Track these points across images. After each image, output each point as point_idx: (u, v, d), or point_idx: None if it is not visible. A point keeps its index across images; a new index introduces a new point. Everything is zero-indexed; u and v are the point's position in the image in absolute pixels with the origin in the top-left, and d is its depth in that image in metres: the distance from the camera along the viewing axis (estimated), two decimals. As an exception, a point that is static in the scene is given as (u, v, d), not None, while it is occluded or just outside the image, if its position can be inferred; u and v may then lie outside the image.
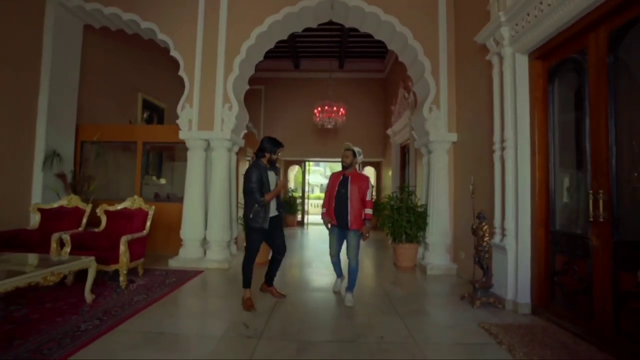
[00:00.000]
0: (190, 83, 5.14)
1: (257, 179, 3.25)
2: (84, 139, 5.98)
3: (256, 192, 3.22)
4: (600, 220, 2.50)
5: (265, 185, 3.31)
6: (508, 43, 3.50)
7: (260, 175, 3.29)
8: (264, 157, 3.43)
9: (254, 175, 3.25)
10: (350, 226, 3.45)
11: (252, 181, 3.23)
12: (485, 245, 3.49)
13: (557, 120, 3.17)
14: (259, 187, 3.25)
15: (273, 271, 3.62)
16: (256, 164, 3.37)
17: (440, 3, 5.10)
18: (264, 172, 3.34)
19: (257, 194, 3.22)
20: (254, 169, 3.31)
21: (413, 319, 3.09)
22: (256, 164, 3.37)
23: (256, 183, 3.23)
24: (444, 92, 5.01)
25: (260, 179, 3.28)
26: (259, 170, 3.30)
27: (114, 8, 5.27)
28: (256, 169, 3.30)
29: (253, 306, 3.22)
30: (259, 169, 3.32)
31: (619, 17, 2.42)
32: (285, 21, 5.23)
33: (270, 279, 3.63)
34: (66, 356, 2.23)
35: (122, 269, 3.75)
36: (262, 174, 3.31)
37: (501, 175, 3.56)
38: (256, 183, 3.23)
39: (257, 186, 3.23)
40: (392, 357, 2.36)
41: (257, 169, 3.30)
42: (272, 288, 3.62)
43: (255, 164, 3.36)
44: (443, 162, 4.99)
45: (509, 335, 2.65)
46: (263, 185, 3.29)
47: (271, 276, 3.62)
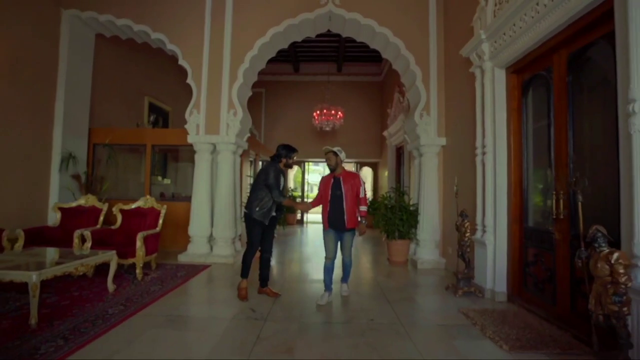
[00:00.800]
0: (198, 90, 5.51)
1: (278, 177, 3.50)
2: (95, 142, 6.34)
3: (277, 189, 3.46)
4: (561, 217, 2.89)
5: (283, 186, 3.57)
6: (488, 58, 3.88)
7: (279, 175, 3.54)
8: (280, 162, 3.65)
9: (277, 174, 3.51)
10: (347, 226, 3.53)
11: (276, 180, 3.47)
12: (467, 240, 3.88)
13: (530, 128, 3.56)
14: (279, 186, 3.49)
15: (264, 272, 3.70)
16: (274, 164, 3.60)
17: (431, 17, 5.47)
18: (281, 173, 3.60)
19: (277, 191, 3.46)
20: (273, 168, 3.53)
21: (401, 305, 3.48)
22: (274, 164, 3.60)
23: (278, 181, 3.49)
24: (433, 99, 5.39)
25: (279, 178, 3.53)
26: (278, 170, 3.54)
27: (126, 19, 5.62)
28: (275, 169, 3.53)
29: (246, 297, 3.48)
30: (278, 169, 3.56)
31: (575, 43, 2.80)
32: (286, 32, 5.60)
33: (262, 280, 3.71)
34: (101, 333, 2.61)
35: (139, 262, 4.13)
36: (279, 174, 3.56)
37: (482, 177, 3.94)
38: (278, 181, 3.49)
39: (278, 184, 3.48)
40: (381, 335, 2.74)
41: (276, 168, 3.54)
42: (266, 289, 3.69)
43: (272, 164, 3.59)
44: (433, 164, 5.37)
45: (483, 318, 3.04)
46: (280, 185, 3.53)
47: (263, 277, 3.71)
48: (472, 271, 3.91)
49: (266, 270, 3.71)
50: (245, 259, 3.57)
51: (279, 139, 11.40)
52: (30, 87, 5.16)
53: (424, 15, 5.49)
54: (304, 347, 2.52)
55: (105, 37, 6.33)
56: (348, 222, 3.51)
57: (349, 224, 3.52)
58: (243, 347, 2.47)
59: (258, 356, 2.33)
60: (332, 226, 3.56)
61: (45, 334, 2.56)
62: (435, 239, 5.28)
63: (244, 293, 3.51)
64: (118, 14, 5.65)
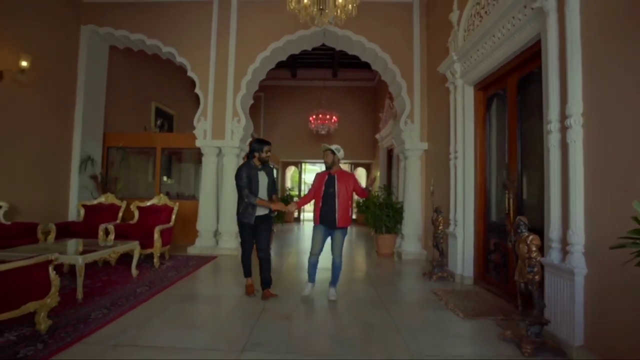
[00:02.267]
0: (205, 99, 6.10)
1: (246, 177, 3.44)
2: (109, 145, 6.92)
3: (246, 188, 3.42)
4: (511, 212, 3.52)
5: (254, 184, 3.47)
6: (459, 76, 4.51)
7: (249, 174, 3.46)
8: (255, 158, 3.56)
9: (243, 174, 3.44)
10: (337, 224, 3.49)
11: (242, 179, 3.42)
12: (440, 233, 4.51)
13: (492, 137, 4.19)
14: (248, 185, 3.44)
15: (263, 274, 3.59)
16: (246, 163, 3.56)
17: (415, 35, 6.09)
18: (253, 171, 3.49)
19: (246, 190, 3.41)
20: (243, 168, 3.50)
21: (383, 288, 4.11)
22: (246, 163, 3.56)
23: (245, 181, 3.43)
24: (417, 108, 6.02)
25: (249, 177, 3.45)
26: (248, 169, 3.48)
27: (139, 34, 6.20)
28: (245, 168, 3.49)
29: (254, 292, 3.61)
30: (249, 168, 3.49)
31: (523, 70, 3.43)
32: (285, 46, 6.21)
33: (262, 281, 3.60)
34: (136, 305, 3.21)
35: (156, 252, 4.73)
36: (251, 172, 3.47)
37: (454, 178, 4.57)
38: (245, 181, 3.43)
39: (246, 184, 3.43)
40: (363, 308, 3.37)
41: (246, 168, 3.49)
42: (265, 291, 3.58)
43: (244, 164, 3.56)
44: (416, 166, 6.00)
45: (449, 295, 3.68)
46: (252, 183, 3.45)
47: (263, 279, 3.60)
48: (445, 259, 4.54)
49: (265, 272, 3.58)
50: (242, 261, 3.65)
51: (278, 141, 12.00)
52: (53, 95, 5.73)
53: (408, 34, 6.11)
54: (300, 315, 3.15)
55: (118, 48, 6.91)
56: (339, 220, 3.49)
57: (340, 223, 3.49)
58: (252, 315, 3.08)
59: (264, 321, 2.95)
60: (323, 222, 3.56)
61: (91, 305, 3.17)
62: (418, 233, 5.91)
63: (251, 289, 3.63)
64: (132, 30, 6.23)
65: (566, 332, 2.39)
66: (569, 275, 2.37)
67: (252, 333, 2.69)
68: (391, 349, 2.50)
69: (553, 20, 2.67)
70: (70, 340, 2.43)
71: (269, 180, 3.61)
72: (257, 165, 3.55)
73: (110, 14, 6.24)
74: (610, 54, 2.24)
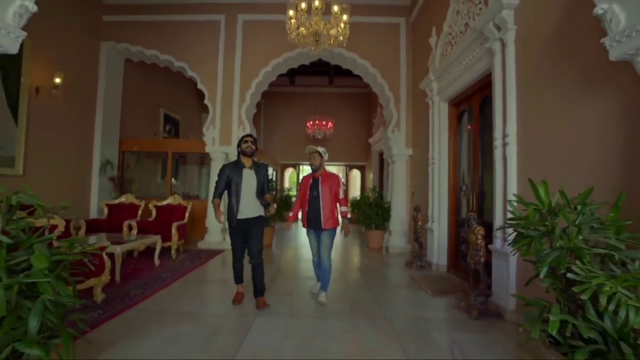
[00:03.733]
0: (213, 110, 6.80)
1: (222, 177, 3.31)
2: (124, 149, 7.60)
3: (215, 190, 3.33)
4: (474, 209, 4.26)
5: (234, 184, 3.28)
6: (436, 93, 5.24)
7: (228, 173, 3.31)
8: (241, 154, 3.40)
9: (221, 175, 3.32)
10: (323, 226, 3.50)
11: (219, 177, 3.32)
12: (419, 228, 5.24)
13: (463, 146, 4.92)
14: (222, 187, 3.31)
15: (256, 282, 3.37)
16: (231, 162, 3.43)
17: (401, 53, 6.82)
18: (233, 170, 3.32)
19: (215, 192, 3.33)
20: (226, 166, 3.38)
21: (370, 274, 4.83)
22: (231, 162, 3.43)
23: (221, 183, 3.31)
24: (403, 118, 6.75)
25: (227, 177, 3.30)
26: (230, 168, 3.34)
27: (154, 50, 6.89)
28: (228, 167, 3.36)
29: (240, 301, 3.40)
30: (232, 167, 3.35)
31: (483, 92, 4.16)
32: (285, 62, 6.92)
33: (255, 290, 3.39)
34: (164, 286, 3.92)
35: (174, 245, 5.43)
36: (231, 172, 3.31)
37: (432, 181, 5.30)
38: (221, 183, 3.31)
39: (220, 185, 3.31)
40: (351, 289, 4.09)
41: (229, 166, 3.36)
42: (258, 299, 3.34)
43: (229, 163, 3.44)
44: (402, 170, 6.73)
45: (423, 280, 4.41)
46: (231, 183, 3.30)
47: (255, 287, 3.39)
48: (424, 251, 5.28)
49: (258, 280, 3.36)
50: (233, 266, 3.46)
51: (276, 144, 12.79)
52: (78, 105, 6.41)
53: (396, 51, 6.84)
54: (300, 292, 3.87)
55: (132, 61, 7.59)
56: (325, 222, 3.49)
57: (326, 225, 3.49)
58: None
59: (271, 297, 3.65)
60: (310, 226, 3.60)
61: (128, 286, 3.87)
62: (403, 229, 6.64)
63: (239, 298, 3.44)
64: (147, 46, 6.91)
65: (504, 300, 3.12)
66: (505, 257, 3.11)
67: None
68: (370, 314, 3.22)
69: (498, 60, 3.40)
70: (122, 307, 3.14)
71: (257, 180, 3.36)
72: (245, 164, 3.37)
73: (128, 31, 6.93)
74: (532, 90, 2.97)
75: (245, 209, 3.30)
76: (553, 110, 2.72)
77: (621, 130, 2.13)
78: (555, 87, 2.70)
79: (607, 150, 2.21)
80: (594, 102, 2.32)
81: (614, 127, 2.18)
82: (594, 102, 2.32)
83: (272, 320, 3.04)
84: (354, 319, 3.13)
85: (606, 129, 2.23)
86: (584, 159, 2.40)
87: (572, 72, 2.51)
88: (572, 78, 2.51)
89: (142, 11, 7.01)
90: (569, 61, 2.54)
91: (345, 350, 2.53)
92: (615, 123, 2.17)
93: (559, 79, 2.65)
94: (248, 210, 3.31)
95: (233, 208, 3.28)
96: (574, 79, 2.49)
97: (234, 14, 6.94)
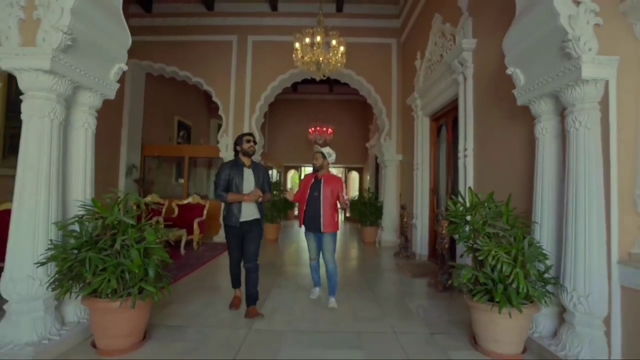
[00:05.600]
0: (226, 120, 7.70)
1: (224, 175, 3.21)
2: (146, 155, 8.52)
3: (217, 187, 3.20)
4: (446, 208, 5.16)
5: (235, 183, 3.20)
6: (420, 109, 6.14)
7: (229, 172, 3.23)
8: (240, 154, 3.31)
9: (222, 172, 3.22)
10: (323, 229, 3.41)
11: (219, 177, 3.21)
12: (405, 224, 6.15)
13: (441, 155, 5.82)
14: (224, 184, 3.19)
15: (248, 288, 3.21)
16: (230, 161, 3.34)
17: (393, 70, 7.73)
18: (234, 169, 3.25)
19: (217, 189, 3.19)
20: (225, 165, 3.29)
21: (363, 263, 5.75)
22: (230, 161, 3.34)
23: (223, 178, 3.20)
24: (394, 128, 7.65)
25: (228, 175, 3.22)
26: (230, 167, 3.26)
27: (174, 67, 7.79)
28: (226, 166, 3.27)
29: (237, 307, 3.34)
30: (232, 166, 3.27)
31: (454, 112, 5.06)
32: (289, 77, 7.82)
33: (247, 297, 3.22)
34: (194, 270, 4.83)
35: (195, 238, 6.35)
36: (232, 170, 3.24)
37: (416, 184, 6.20)
38: (223, 178, 3.20)
39: (221, 183, 3.19)
40: (348, 273, 4.99)
41: (229, 165, 3.27)
42: (249, 309, 3.16)
43: (228, 161, 3.34)
44: (393, 173, 7.63)
45: (406, 266, 5.31)
46: (231, 182, 3.21)
47: (247, 294, 3.22)
48: (409, 243, 6.18)
49: (250, 286, 3.20)
50: (230, 271, 3.45)
51: (280, 147, 13.70)
52: (108, 118, 7.32)
53: (388, 69, 7.75)
54: (303, 276, 4.78)
55: (152, 74, 8.50)
56: (325, 225, 3.40)
57: (325, 228, 3.41)
58: (272, 274, 4.71)
59: (280, 281, 4.56)
60: (307, 227, 3.53)
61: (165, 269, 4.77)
62: (394, 225, 7.54)
63: (236, 302, 3.41)
64: (167, 63, 7.82)
65: (462, 278, 4.02)
66: (464, 244, 4.01)
67: (274, 282, 4.32)
68: (360, 289, 4.13)
69: (462, 89, 4.31)
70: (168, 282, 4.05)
71: (256, 179, 3.29)
72: (245, 163, 3.30)
73: (150, 50, 7.82)
74: (483, 115, 3.88)
75: (245, 211, 3.22)
76: (494, 132, 3.62)
77: (527, 150, 3.03)
78: (494, 115, 3.60)
79: (521, 164, 3.11)
80: (514, 129, 3.23)
81: (524, 147, 3.07)
82: (514, 129, 3.22)
83: (282, 292, 3.95)
84: (347, 292, 4.01)
85: (520, 148, 3.13)
86: (510, 169, 3.30)
87: (503, 106, 3.41)
88: (503, 110, 3.42)
89: (163, 32, 7.91)
90: (502, 97, 3.43)
91: (339, 309, 3.42)
92: (523, 146, 3.06)
93: (496, 109, 3.56)
94: (248, 212, 3.24)
95: (234, 209, 3.21)
96: (504, 111, 3.40)
97: (245, 35, 7.85)
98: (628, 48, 2.19)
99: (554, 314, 2.48)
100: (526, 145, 3.04)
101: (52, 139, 2.35)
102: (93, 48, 2.60)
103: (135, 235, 2.38)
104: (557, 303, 2.42)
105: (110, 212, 2.41)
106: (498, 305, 2.24)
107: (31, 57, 2.20)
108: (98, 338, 2.36)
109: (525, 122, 3.01)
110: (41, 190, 2.30)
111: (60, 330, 2.39)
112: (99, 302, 2.26)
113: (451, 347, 2.59)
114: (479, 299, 2.35)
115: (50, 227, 2.34)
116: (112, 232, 2.41)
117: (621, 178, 2.16)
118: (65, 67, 2.34)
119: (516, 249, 2.30)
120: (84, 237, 2.33)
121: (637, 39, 2.19)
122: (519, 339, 2.40)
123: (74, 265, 2.20)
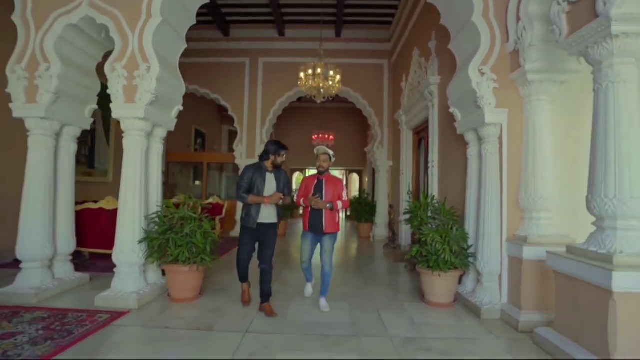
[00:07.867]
0: (241, 131, 8.94)
1: (247, 177, 3.28)
2: (170, 161, 9.80)
3: (240, 189, 3.27)
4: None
5: (256, 186, 3.28)
6: (405, 123, 7.33)
7: (252, 175, 3.28)
8: (268, 160, 3.37)
9: (245, 174, 3.30)
10: (325, 230, 3.46)
11: (242, 180, 3.29)
12: (392, 220, 7.35)
13: (422, 162, 7.00)
14: (246, 186, 3.27)
15: (261, 286, 3.35)
16: (255, 164, 3.41)
17: (384, 87, 8.92)
18: (257, 172, 3.31)
19: (240, 190, 3.27)
20: (249, 168, 3.35)
21: (356, 253, 6.97)
22: (255, 164, 3.41)
23: (246, 181, 3.27)
24: (385, 137, 8.84)
25: (251, 178, 3.28)
26: (254, 170, 3.32)
27: (195, 86, 9.04)
28: (250, 169, 3.34)
29: (248, 302, 3.52)
30: (256, 169, 3.33)
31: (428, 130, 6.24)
32: (295, 94, 9.05)
33: (262, 293, 3.36)
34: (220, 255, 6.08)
35: (217, 232, 7.60)
36: (255, 174, 3.29)
37: (401, 186, 7.39)
38: (246, 181, 3.27)
39: (244, 184, 3.27)
40: (343, 260, 6.21)
41: (251, 168, 3.35)
42: (264, 305, 3.31)
43: (252, 164, 3.41)
44: (384, 177, 8.83)
45: (390, 254, 6.51)
46: (252, 185, 3.27)
47: (262, 291, 3.35)
48: (396, 237, 7.38)
49: (264, 284, 3.35)
50: (237, 266, 3.54)
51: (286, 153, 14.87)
52: (142, 130, 8.59)
53: (380, 86, 8.95)
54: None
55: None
56: (327, 225, 3.46)
57: (328, 228, 3.47)
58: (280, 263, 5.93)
59: (287, 266, 5.78)
60: (311, 228, 3.54)
61: (197, 255, 6.04)
62: (385, 222, 8.70)
63: (245, 298, 3.56)
64: (189, 82, 8.95)
65: (430, 260, 5.22)
66: (431, 234, 5.20)
67: (282, 272, 5.55)
68: (350, 270, 5.34)
69: (431, 113, 5.50)
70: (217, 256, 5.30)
71: (277, 184, 3.39)
72: (268, 168, 3.39)
73: (175, 71, 9.08)
74: (444, 135, 5.07)
75: (265, 213, 3.33)
76: (450, 149, 4.82)
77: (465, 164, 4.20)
78: (451, 137, 4.78)
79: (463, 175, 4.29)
80: (460, 149, 4.41)
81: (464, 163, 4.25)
82: (460, 149, 4.41)
83: (291, 271, 5.17)
84: (341, 272, 5.23)
85: (463, 163, 4.31)
86: (458, 178, 4.48)
87: (452, 130, 4.60)
88: (454, 134, 4.60)
89: (187, 55, 9.05)
90: (451, 123, 4.61)
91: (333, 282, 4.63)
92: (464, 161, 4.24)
93: (452, 133, 4.74)
94: (267, 215, 3.35)
95: (252, 211, 3.30)
96: (455, 135, 4.58)
97: (256, 57, 9.09)
98: (515, 103, 3.36)
99: (474, 278, 3.68)
100: (465, 161, 4.23)
101: (141, 162, 3.60)
102: (164, 98, 3.84)
103: (197, 224, 3.61)
104: (475, 270, 3.62)
105: (181, 210, 3.64)
106: (432, 269, 3.45)
107: (132, 110, 3.45)
108: (172, 291, 3.62)
109: (464, 145, 4.20)
110: (136, 195, 3.54)
111: (146, 287, 3.63)
112: (176, 266, 3.51)
113: (407, 301, 3.81)
114: (422, 266, 3.56)
115: (142, 219, 3.59)
116: (181, 222, 3.65)
117: (510, 187, 3.35)
118: (150, 114, 3.58)
119: (446, 234, 3.51)
120: (166, 225, 3.58)
121: (521, 97, 3.36)
122: (449, 293, 3.61)
123: (162, 243, 3.45)
